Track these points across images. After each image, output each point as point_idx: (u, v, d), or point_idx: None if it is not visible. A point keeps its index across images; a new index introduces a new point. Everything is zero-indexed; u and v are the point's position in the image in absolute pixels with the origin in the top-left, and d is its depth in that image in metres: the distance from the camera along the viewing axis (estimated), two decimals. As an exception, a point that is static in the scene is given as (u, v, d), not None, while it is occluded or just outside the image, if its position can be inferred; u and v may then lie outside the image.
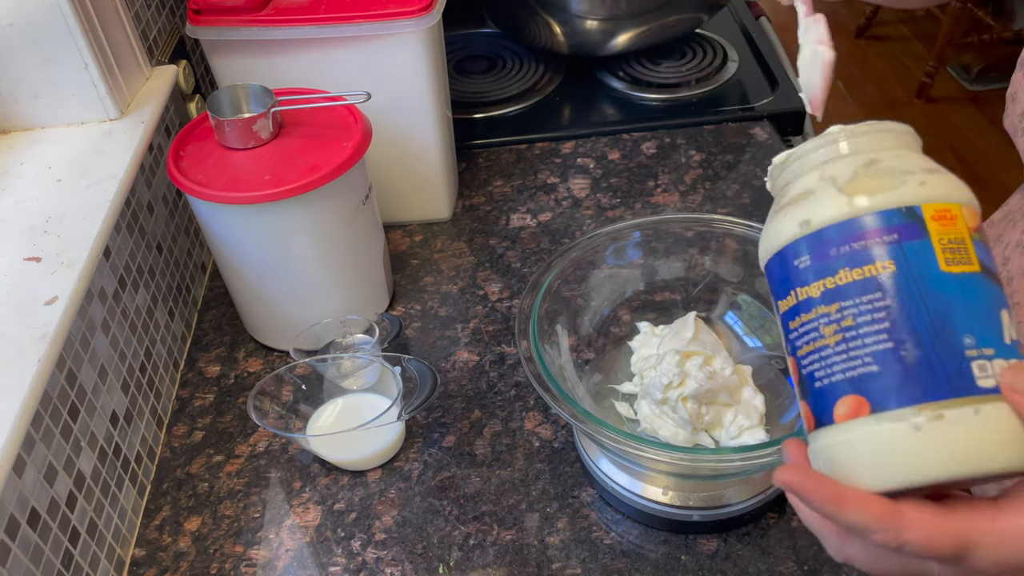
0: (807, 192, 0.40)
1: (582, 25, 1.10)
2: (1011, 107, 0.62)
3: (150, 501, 0.73)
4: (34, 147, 0.75)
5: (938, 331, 0.35)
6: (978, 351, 0.35)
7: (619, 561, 0.66)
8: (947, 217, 0.37)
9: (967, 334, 0.35)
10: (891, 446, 0.35)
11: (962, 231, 0.37)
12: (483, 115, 1.13)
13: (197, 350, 0.86)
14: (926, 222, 0.37)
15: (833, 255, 0.37)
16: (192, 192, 0.71)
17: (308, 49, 0.83)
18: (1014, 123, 0.62)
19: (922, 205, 0.37)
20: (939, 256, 0.36)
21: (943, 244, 0.36)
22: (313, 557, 0.68)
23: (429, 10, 0.80)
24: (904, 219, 0.36)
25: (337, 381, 0.77)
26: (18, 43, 0.72)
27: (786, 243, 0.40)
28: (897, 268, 0.36)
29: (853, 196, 0.38)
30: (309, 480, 0.73)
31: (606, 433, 0.58)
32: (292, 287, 0.78)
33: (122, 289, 0.74)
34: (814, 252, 0.38)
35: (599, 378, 0.73)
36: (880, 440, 0.35)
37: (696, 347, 0.69)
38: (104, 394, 0.69)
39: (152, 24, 0.88)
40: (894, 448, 0.35)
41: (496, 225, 0.97)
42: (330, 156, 0.72)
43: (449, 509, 0.70)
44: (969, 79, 2.83)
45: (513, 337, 0.84)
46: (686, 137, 1.07)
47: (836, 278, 0.37)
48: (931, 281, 0.36)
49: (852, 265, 0.37)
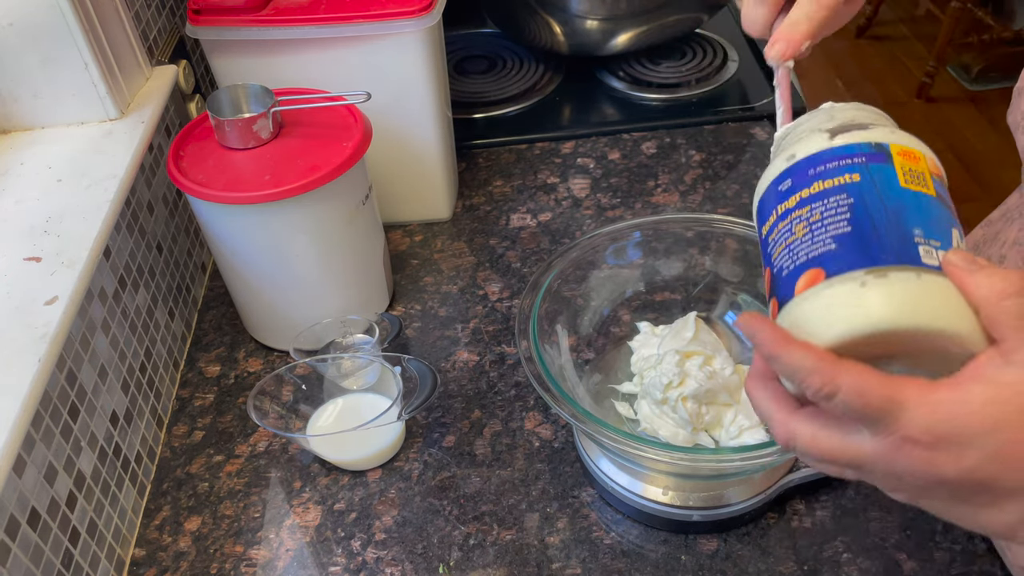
0: (797, 141, 0.45)
1: (582, 25, 1.10)
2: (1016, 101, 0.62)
3: (150, 501, 0.73)
4: (34, 147, 0.75)
5: (892, 222, 0.39)
6: (926, 241, 0.39)
7: (619, 561, 0.66)
8: (911, 156, 0.42)
9: (917, 227, 0.39)
10: (838, 301, 0.38)
11: (923, 168, 0.42)
12: (483, 115, 1.13)
13: (197, 350, 0.86)
14: (892, 155, 0.42)
15: (811, 174, 0.43)
16: (192, 192, 0.71)
17: (308, 49, 0.83)
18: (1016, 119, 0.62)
19: (890, 144, 0.42)
20: (899, 175, 0.41)
21: (904, 171, 0.41)
22: (313, 557, 0.68)
23: (429, 10, 0.80)
24: (872, 149, 0.42)
25: (337, 381, 0.77)
26: (18, 43, 0.72)
27: (775, 176, 0.45)
28: (862, 178, 0.41)
29: (831, 135, 0.43)
30: (309, 480, 0.73)
31: (606, 433, 0.58)
32: (292, 287, 0.78)
33: (122, 289, 0.74)
34: (795, 176, 0.44)
35: (599, 378, 0.73)
36: (829, 298, 0.39)
37: (696, 347, 0.69)
38: (104, 394, 0.69)
39: (152, 24, 0.88)
40: (841, 303, 0.38)
41: (496, 225, 0.97)
42: (330, 156, 0.72)
43: (449, 509, 0.70)
44: (969, 79, 2.83)
45: (513, 337, 0.84)
46: (686, 137, 1.07)
47: (810, 189, 0.42)
48: (890, 189, 0.41)
49: (824, 178, 0.42)
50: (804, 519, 0.67)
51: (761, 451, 0.57)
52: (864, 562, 0.64)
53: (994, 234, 0.69)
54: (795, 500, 0.68)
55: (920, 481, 0.36)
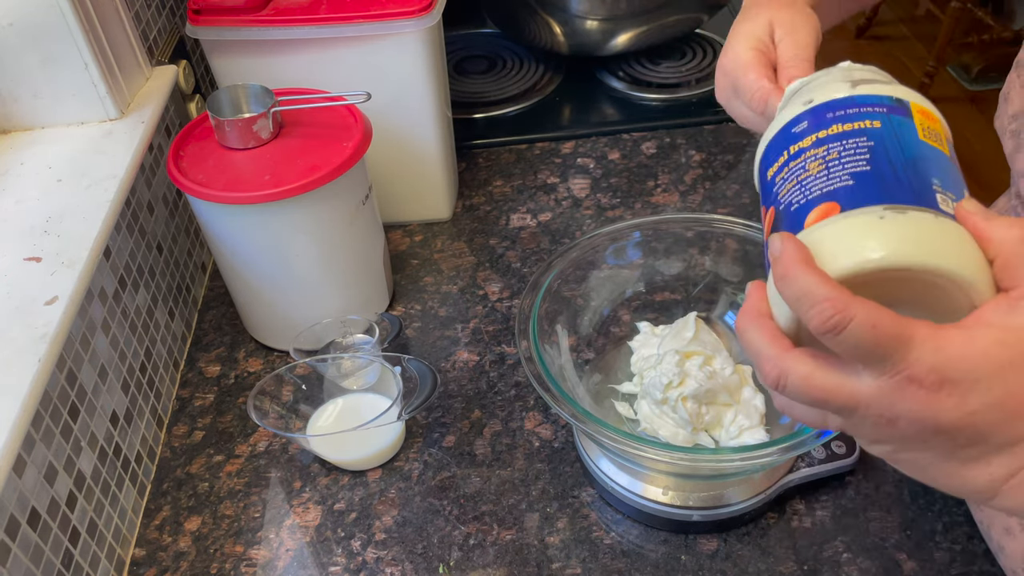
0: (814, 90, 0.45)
1: (582, 25, 1.10)
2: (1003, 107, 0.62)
3: (150, 501, 0.73)
4: (34, 147, 0.75)
5: (911, 168, 0.39)
6: (943, 190, 0.38)
7: (619, 561, 0.66)
8: (930, 116, 0.42)
9: (936, 178, 0.39)
10: (854, 232, 0.38)
11: (940, 130, 0.42)
12: (483, 115, 1.13)
13: (197, 350, 0.86)
14: (912, 111, 0.42)
15: (829, 117, 0.42)
16: (192, 192, 0.71)
17: (308, 49, 0.83)
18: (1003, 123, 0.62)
19: (911, 101, 0.42)
20: (919, 130, 0.41)
21: (923, 127, 0.41)
22: (313, 557, 0.68)
23: (429, 10, 0.80)
24: (894, 102, 0.42)
25: (337, 381, 0.77)
26: (18, 43, 0.72)
27: (789, 119, 0.44)
28: (883, 125, 0.41)
29: (853, 84, 0.43)
30: (309, 480, 0.73)
31: (606, 433, 0.58)
32: (292, 287, 0.78)
33: (122, 289, 0.74)
34: (812, 118, 0.43)
35: (599, 378, 0.73)
36: (845, 229, 0.38)
37: (696, 347, 0.69)
38: (104, 394, 0.69)
39: (152, 24, 0.88)
40: (857, 234, 0.37)
41: (496, 225, 0.97)
42: (330, 156, 0.72)
43: (449, 509, 0.70)
44: (969, 79, 2.83)
45: (513, 337, 0.84)
46: (686, 137, 1.07)
47: (828, 130, 0.42)
48: (910, 141, 0.40)
49: (844, 121, 0.41)
50: (804, 519, 0.67)
51: (761, 451, 0.57)
52: (864, 562, 0.64)
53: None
54: (795, 500, 0.68)
55: (915, 427, 0.35)
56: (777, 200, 0.42)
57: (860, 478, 0.69)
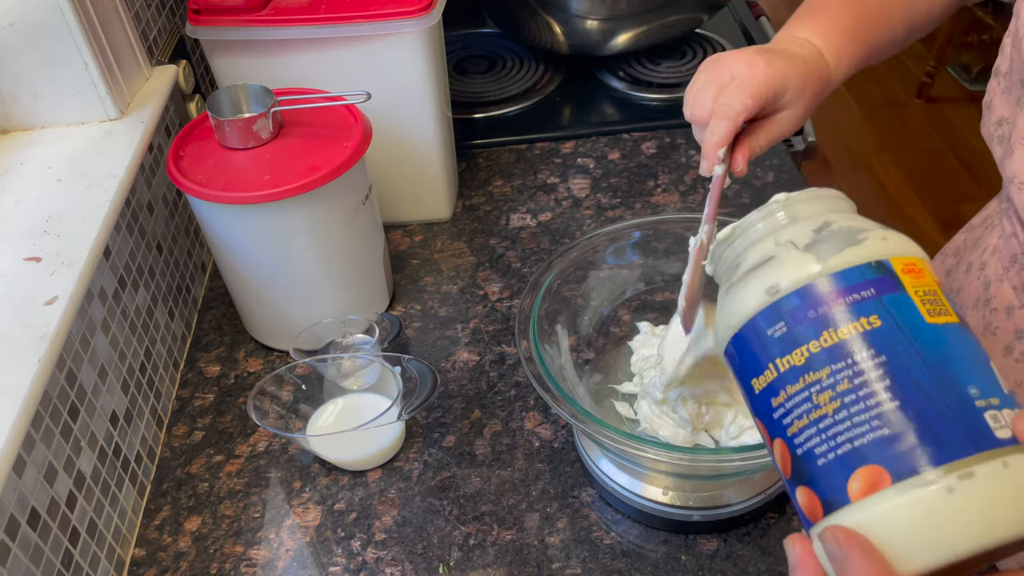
0: (765, 258, 0.39)
1: (582, 25, 1.10)
2: (987, 115, 0.62)
3: (150, 501, 0.73)
4: (34, 147, 0.75)
5: (943, 383, 0.33)
6: (986, 401, 0.33)
7: (619, 561, 0.66)
8: (915, 270, 0.36)
9: (971, 384, 0.33)
10: (926, 517, 0.32)
11: (932, 284, 0.36)
12: (483, 115, 1.13)
13: (197, 350, 0.86)
14: (898, 275, 0.36)
15: (812, 317, 0.36)
16: (192, 192, 0.71)
17: (308, 49, 0.83)
18: (990, 131, 0.62)
19: (890, 259, 0.36)
20: (921, 308, 0.35)
21: (920, 296, 0.35)
22: (313, 557, 0.68)
23: (429, 10, 0.80)
24: (876, 272, 0.36)
25: (337, 381, 0.77)
26: (18, 43, 0.72)
27: (755, 312, 0.38)
28: (884, 322, 0.34)
29: (818, 256, 0.37)
30: (309, 480, 0.73)
31: (606, 433, 0.58)
32: (292, 287, 0.78)
33: (122, 289, 0.74)
34: (789, 317, 0.36)
35: (599, 378, 0.73)
36: (911, 512, 0.32)
37: None
38: (104, 394, 0.69)
39: (152, 24, 0.88)
40: (930, 519, 0.32)
41: (496, 225, 0.97)
42: (330, 156, 0.72)
43: (449, 509, 0.70)
44: (969, 79, 2.82)
45: (513, 337, 0.84)
46: (686, 137, 1.07)
47: (821, 340, 0.35)
48: (921, 333, 0.34)
49: (836, 325, 0.35)
50: (804, 519, 0.67)
51: (761, 451, 0.57)
52: (864, 562, 0.64)
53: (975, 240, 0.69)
54: (795, 500, 0.68)
55: None
56: (786, 435, 0.36)
57: (860, 478, 0.69)
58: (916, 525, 0.32)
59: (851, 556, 0.32)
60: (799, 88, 0.57)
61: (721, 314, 0.40)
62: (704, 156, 0.56)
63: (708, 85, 0.58)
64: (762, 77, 0.56)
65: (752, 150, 0.57)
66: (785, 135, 0.59)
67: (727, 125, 0.55)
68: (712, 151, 0.55)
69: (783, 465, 0.37)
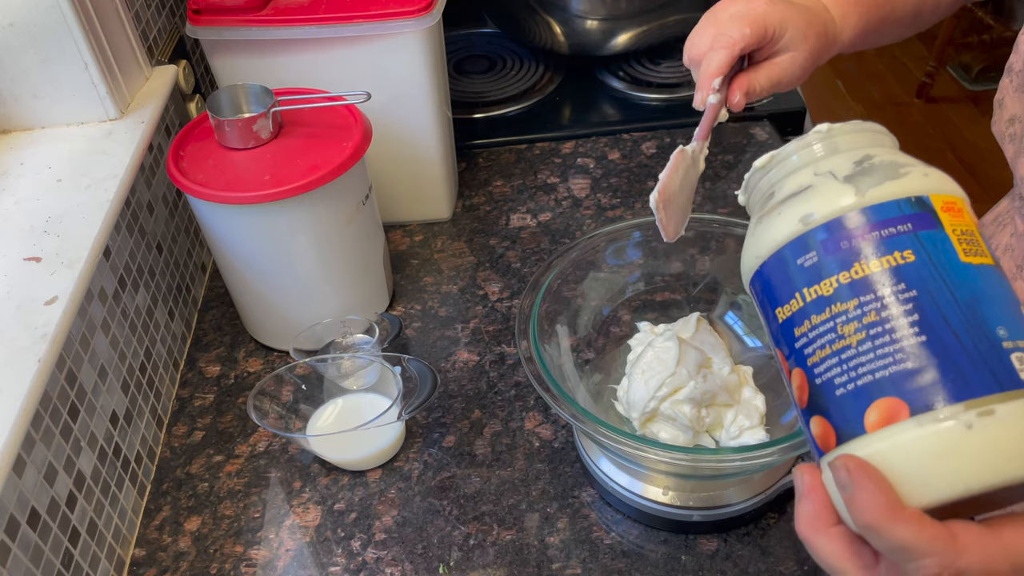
0: (802, 188, 0.38)
1: (582, 25, 1.10)
2: (998, 113, 0.62)
3: (150, 501, 0.73)
4: (34, 147, 0.75)
5: (972, 322, 0.33)
6: (1013, 343, 0.32)
7: (619, 561, 0.66)
8: (955, 209, 0.36)
9: (1000, 325, 0.33)
10: (941, 450, 0.32)
11: (971, 224, 0.36)
12: (483, 115, 1.13)
13: (197, 350, 0.86)
14: (937, 212, 0.35)
15: (845, 248, 0.35)
16: (192, 192, 0.71)
17: (308, 49, 0.83)
18: (1001, 129, 0.62)
19: (930, 195, 0.36)
20: (957, 247, 0.34)
21: (957, 235, 0.35)
22: (313, 557, 0.68)
23: (429, 10, 0.80)
24: (915, 208, 0.35)
25: (337, 381, 0.77)
26: (18, 43, 0.72)
27: (786, 241, 0.37)
28: (918, 258, 0.34)
29: (857, 188, 0.36)
30: (309, 480, 0.73)
31: (606, 433, 0.58)
32: (292, 287, 0.78)
33: (122, 289, 0.74)
34: (821, 247, 0.36)
35: (599, 378, 0.73)
36: (927, 445, 0.32)
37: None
38: (104, 394, 0.69)
39: (152, 24, 0.88)
40: (945, 452, 0.31)
41: (496, 225, 0.97)
42: (330, 156, 0.72)
43: (449, 509, 0.70)
44: (969, 79, 2.83)
45: (513, 337, 0.84)
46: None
47: (851, 272, 0.35)
48: (955, 271, 0.34)
49: (868, 257, 0.35)
50: (804, 519, 0.67)
51: (761, 451, 0.57)
52: (864, 562, 0.64)
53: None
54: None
55: None
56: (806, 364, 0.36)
57: (860, 478, 0.69)
58: (930, 458, 0.32)
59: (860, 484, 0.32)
60: (801, 31, 0.56)
61: (750, 243, 0.40)
62: (698, 88, 0.55)
63: (706, 25, 0.58)
64: (761, 11, 0.55)
65: (751, 86, 0.57)
66: (786, 81, 0.58)
67: (723, 54, 0.54)
68: (707, 81, 0.54)
69: (799, 395, 0.36)
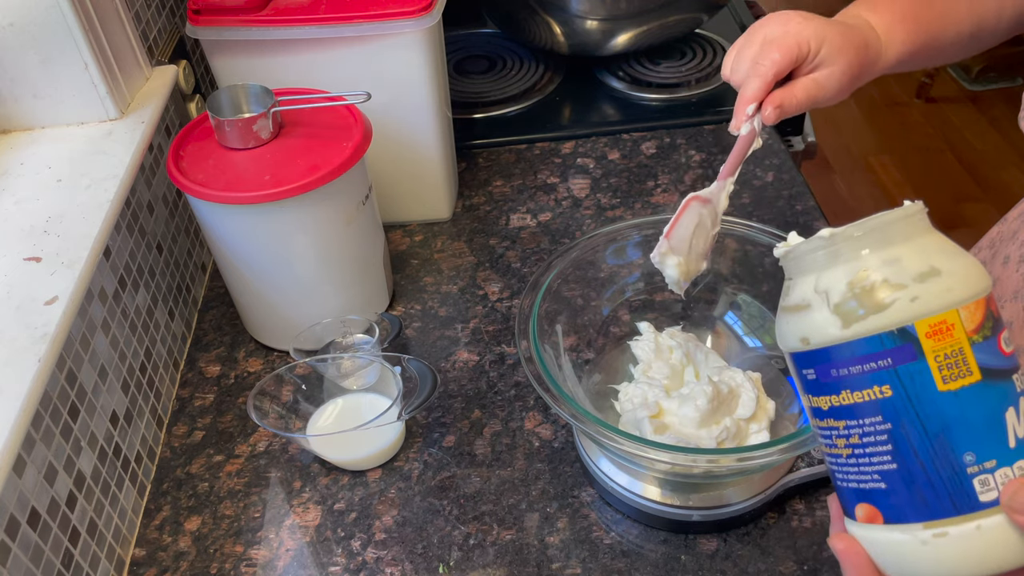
0: (804, 304, 0.40)
1: (582, 25, 1.10)
2: None
3: (150, 501, 0.73)
4: (34, 147, 0.75)
5: (938, 453, 0.37)
6: (979, 467, 0.37)
7: (619, 561, 0.66)
8: (942, 331, 0.37)
9: (967, 451, 0.37)
10: (903, 554, 0.39)
11: (960, 340, 0.37)
12: (483, 115, 1.13)
13: (197, 350, 0.86)
14: (920, 341, 0.37)
15: (834, 375, 0.39)
16: (192, 192, 0.71)
17: (308, 49, 0.83)
18: None
19: (915, 323, 0.37)
20: (935, 376, 0.37)
21: (939, 362, 0.37)
22: (313, 557, 0.68)
23: (429, 10, 0.80)
24: (897, 342, 0.37)
25: (337, 381, 0.77)
26: (18, 43, 0.72)
27: (792, 352, 0.42)
28: (895, 393, 0.37)
29: (844, 320, 0.38)
30: (309, 480, 0.73)
31: (606, 433, 0.58)
32: (292, 287, 0.78)
33: (122, 289, 0.74)
34: (816, 369, 0.40)
35: (599, 378, 0.73)
36: (893, 547, 0.39)
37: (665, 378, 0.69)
38: (104, 394, 0.69)
39: (152, 24, 0.88)
40: (906, 557, 0.39)
41: (496, 225, 0.97)
42: (330, 156, 0.72)
43: (449, 509, 0.70)
44: (969, 79, 2.83)
45: (513, 337, 0.84)
46: (686, 137, 1.07)
47: (840, 397, 0.39)
48: (928, 402, 0.37)
49: (852, 388, 0.38)
50: (804, 519, 0.67)
51: (761, 451, 0.57)
52: (864, 562, 0.64)
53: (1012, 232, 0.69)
54: (795, 500, 0.68)
55: None
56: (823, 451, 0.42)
57: (860, 478, 0.69)
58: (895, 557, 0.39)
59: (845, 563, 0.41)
60: (837, 46, 0.57)
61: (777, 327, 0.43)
62: (735, 114, 0.57)
63: (744, 47, 0.59)
64: (793, 33, 0.56)
65: (786, 103, 0.57)
66: (824, 96, 0.59)
67: (758, 84, 0.56)
68: (741, 108, 0.56)
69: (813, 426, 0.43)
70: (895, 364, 0.37)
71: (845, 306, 0.38)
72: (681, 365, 0.71)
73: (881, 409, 0.38)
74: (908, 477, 0.38)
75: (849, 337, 0.38)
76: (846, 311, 0.38)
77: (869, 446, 0.39)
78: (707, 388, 0.65)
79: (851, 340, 0.38)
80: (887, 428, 0.38)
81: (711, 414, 0.65)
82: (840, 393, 0.39)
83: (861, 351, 0.38)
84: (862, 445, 0.39)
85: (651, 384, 0.69)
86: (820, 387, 0.40)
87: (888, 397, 0.37)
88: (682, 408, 0.65)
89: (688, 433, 0.65)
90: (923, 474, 0.37)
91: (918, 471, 0.37)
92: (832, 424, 0.40)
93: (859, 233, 0.39)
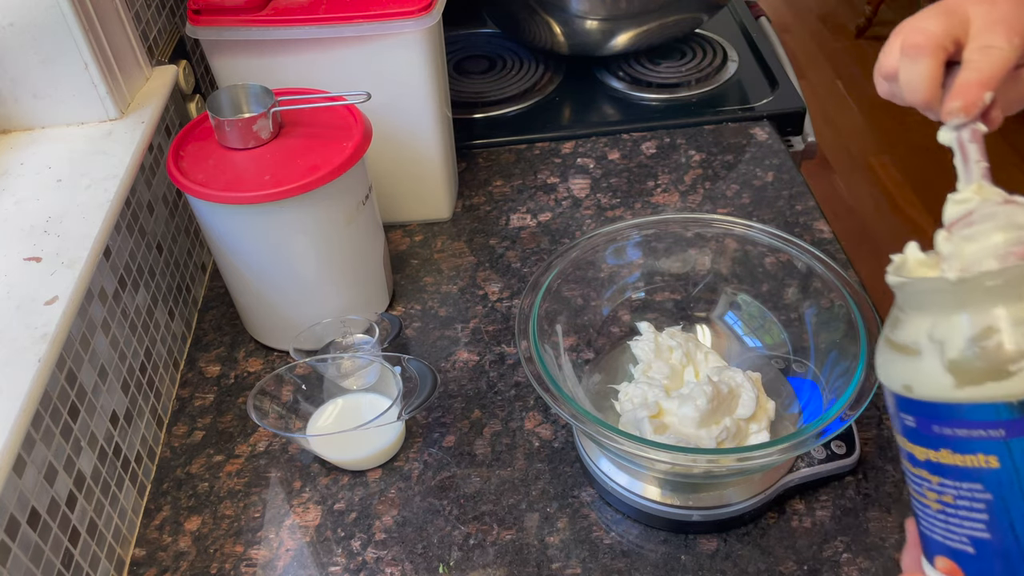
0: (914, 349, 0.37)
1: (582, 25, 1.10)
2: None
3: (150, 501, 0.73)
4: (34, 147, 0.75)
5: None
6: None
7: (619, 561, 0.66)
8: None
9: None
10: None
11: None
12: (483, 115, 1.13)
13: (197, 350, 0.86)
14: None
15: (936, 432, 0.36)
16: (192, 192, 0.71)
17: (308, 49, 0.83)
18: None
19: None
20: None
21: None
22: (313, 557, 0.68)
23: (429, 10, 0.80)
24: (1013, 414, 0.34)
25: (337, 381, 0.77)
26: (18, 43, 0.72)
27: (894, 392, 0.38)
28: (1002, 465, 0.34)
29: (958, 379, 0.35)
30: (309, 480, 0.73)
31: (606, 433, 0.58)
32: (292, 287, 0.78)
33: (122, 289, 0.74)
34: (917, 419, 0.37)
35: (599, 378, 0.73)
36: None
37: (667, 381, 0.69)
38: (104, 394, 0.69)
39: (152, 24, 0.88)
40: None
41: (496, 225, 0.97)
42: (330, 156, 0.73)
43: (449, 509, 0.70)
44: (969, 79, 2.82)
45: (513, 337, 0.84)
46: (686, 137, 1.07)
47: (939, 455, 0.36)
48: None
49: (955, 449, 0.35)
50: (804, 519, 0.67)
51: (761, 451, 0.57)
52: (864, 562, 0.64)
53: None
54: (795, 500, 0.68)
55: None
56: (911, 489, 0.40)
57: (860, 478, 0.69)
58: None
59: None
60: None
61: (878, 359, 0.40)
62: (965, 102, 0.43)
63: (938, 16, 0.43)
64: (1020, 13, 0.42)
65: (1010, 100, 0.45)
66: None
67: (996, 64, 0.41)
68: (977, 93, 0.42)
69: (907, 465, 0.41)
70: (1008, 437, 0.34)
71: (962, 364, 0.34)
72: (681, 365, 0.71)
73: (983, 478, 0.35)
74: (1002, 552, 0.35)
75: (961, 400, 0.35)
76: (962, 370, 0.34)
77: (963, 510, 0.36)
78: (707, 388, 0.65)
79: (963, 403, 0.35)
80: (987, 498, 0.35)
81: (711, 414, 0.65)
82: (940, 450, 0.36)
83: (972, 416, 0.35)
84: (955, 507, 0.36)
85: (651, 384, 0.69)
86: (919, 437, 0.37)
87: (994, 469, 0.34)
88: (682, 408, 0.65)
89: (688, 433, 0.65)
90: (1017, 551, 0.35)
91: (1013, 549, 0.35)
92: (926, 476, 0.37)
93: (992, 284, 0.34)
